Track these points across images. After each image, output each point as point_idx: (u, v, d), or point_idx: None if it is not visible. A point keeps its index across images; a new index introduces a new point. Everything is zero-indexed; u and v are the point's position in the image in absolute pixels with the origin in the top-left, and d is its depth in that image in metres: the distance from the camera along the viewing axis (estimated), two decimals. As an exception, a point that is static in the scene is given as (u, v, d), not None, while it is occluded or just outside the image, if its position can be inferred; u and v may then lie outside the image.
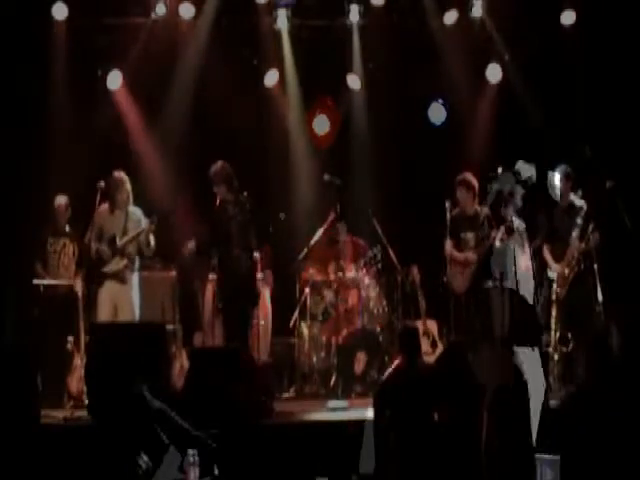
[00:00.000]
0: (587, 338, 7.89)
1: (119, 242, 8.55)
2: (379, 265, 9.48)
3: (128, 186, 8.69)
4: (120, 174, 8.69)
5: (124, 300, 8.57)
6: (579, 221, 8.36)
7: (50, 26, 9.82)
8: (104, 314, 8.50)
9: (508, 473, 6.03)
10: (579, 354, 8.02)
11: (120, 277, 8.58)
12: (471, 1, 10.18)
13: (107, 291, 8.56)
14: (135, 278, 8.70)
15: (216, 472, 4.89)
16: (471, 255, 8.96)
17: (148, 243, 8.55)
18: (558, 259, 8.54)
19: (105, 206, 8.64)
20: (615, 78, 9.86)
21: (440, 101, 10.59)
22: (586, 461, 6.26)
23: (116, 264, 8.59)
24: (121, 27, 10.00)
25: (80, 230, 8.81)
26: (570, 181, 8.58)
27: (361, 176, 10.43)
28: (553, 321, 8.38)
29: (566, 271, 8.41)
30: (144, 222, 8.57)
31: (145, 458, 4.86)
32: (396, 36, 10.27)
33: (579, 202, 8.55)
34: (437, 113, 10.63)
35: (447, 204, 9.04)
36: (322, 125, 10.65)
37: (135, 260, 8.70)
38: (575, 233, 8.37)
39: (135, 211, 8.74)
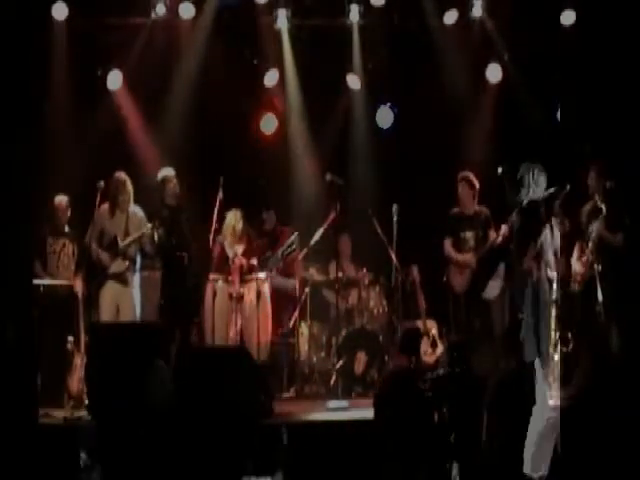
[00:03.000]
0: (587, 338, 7.90)
1: (121, 244, 8.58)
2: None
3: (130, 187, 8.71)
4: (121, 175, 8.72)
5: (126, 301, 8.61)
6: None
7: (50, 26, 9.81)
8: (106, 314, 8.54)
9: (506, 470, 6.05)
10: (579, 354, 8.00)
11: (122, 278, 8.62)
12: (471, 1, 10.16)
13: (109, 292, 8.60)
14: (136, 279, 8.74)
15: None
16: (470, 257, 8.96)
17: (151, 242, 8.60)
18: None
19: (105, 207, 8.66)
20: (615, 78, 9.85)
21: (388, 104, 10.53)
22: (586, 460, 6.27)
23: (118, 265, 8.61)
24: (121, 27, 10.00)
25: (80, 230, 8.82)
26: None
27: (361, 176, 10.42)
28: (553, 321, 8.34)
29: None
30: (146, 224, 8.59)
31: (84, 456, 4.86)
32: (396, 36, 10.27)
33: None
34: (385, 117, 10.59)
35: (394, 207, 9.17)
36: (269, 124, 10.57)
37: (136, 261, 8.74)
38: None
39: (137, 212, 8.76)
